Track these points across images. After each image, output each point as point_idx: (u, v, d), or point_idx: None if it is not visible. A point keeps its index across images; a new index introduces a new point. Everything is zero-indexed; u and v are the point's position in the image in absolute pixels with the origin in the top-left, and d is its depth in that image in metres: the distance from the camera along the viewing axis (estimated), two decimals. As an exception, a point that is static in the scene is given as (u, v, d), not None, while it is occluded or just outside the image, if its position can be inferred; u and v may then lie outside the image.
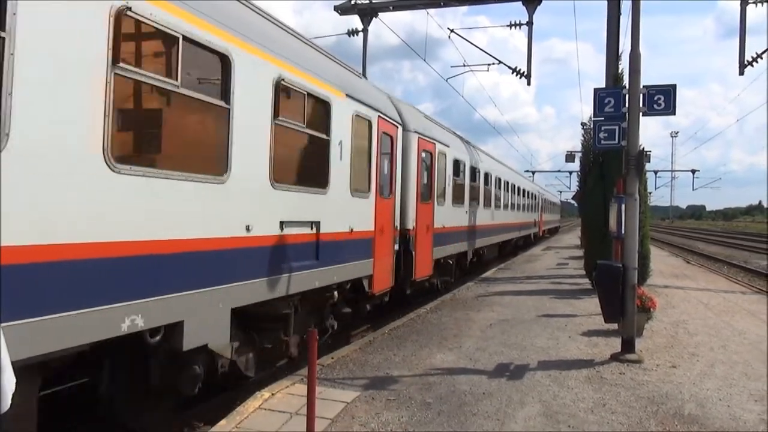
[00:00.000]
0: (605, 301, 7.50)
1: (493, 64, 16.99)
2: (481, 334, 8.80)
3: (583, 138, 22.89)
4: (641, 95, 7.36)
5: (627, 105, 7.48)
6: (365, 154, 8.59)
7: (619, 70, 12.76)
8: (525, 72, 15.14)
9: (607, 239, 10.21)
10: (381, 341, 8.27)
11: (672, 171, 66.63)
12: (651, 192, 32.67)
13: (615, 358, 7.32)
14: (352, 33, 16.64)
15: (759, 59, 14.19)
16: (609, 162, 12.24)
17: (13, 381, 2.55)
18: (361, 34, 16.33)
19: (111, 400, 4.92)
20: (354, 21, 26.60)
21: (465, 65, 18.26)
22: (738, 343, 8.45)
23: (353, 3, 16.00)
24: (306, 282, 6.72)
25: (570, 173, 50.08)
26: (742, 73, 14.30)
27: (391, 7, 15.93)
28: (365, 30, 16.27)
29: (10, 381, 2.52)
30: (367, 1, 15.94)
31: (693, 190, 70.37)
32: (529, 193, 32.11)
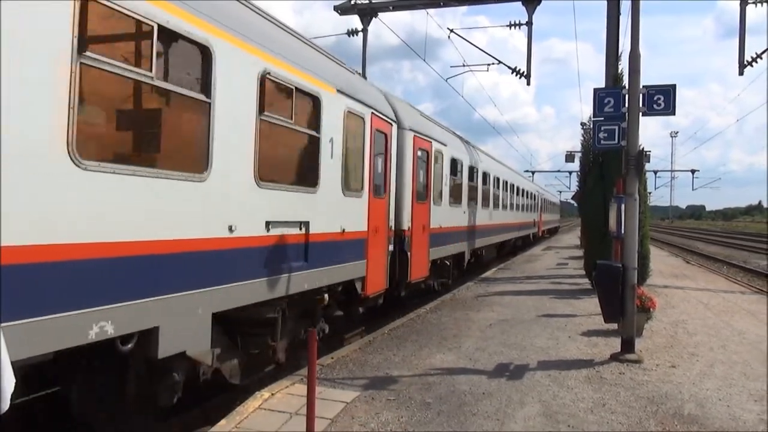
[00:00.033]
0: (605, 301, 7.50)
1: (493, 64, 17.00)
2: (481, 334, 8.80)
3: (583, 138, 22.91)
4: (641, 95, 7.36)
5: (627, 105, 7.48)
6: (358, 152, 8.35)
7: (619, 70, 12.77)
8: (525, 72, 15.14)
9: (607, 239, 10.22)
10: (381, 341, 8.27)
11: (672, 171, 66.66)
12: (651, 192, 32.69)
13: (615, 358, 7.32)
14: (351, 33, 16.65)
15: (759, 59, 14.19)
16: (609, 162, 12.25)
17: (13, 381, 2.55)
18: (361, 34, 16.35)
19: (83, 410, 4.64)
20: (354, 21, 26.66)
21: (465, 65, 18.30)
22: (737, 343, 8.45)
23: (353, 3, 16.00)
24: (294, 285, 6.50)
25: (570, 173, 50.17)
26: (741, 73, 14.29)
27: (391, 7, 15.93)
28: (365, 30, 16.27)
29: (9, 381, 2.52)
30: (367, 1, 15.94)
31: (693, 190, 70.50)
32: (529, 193, 32.09)
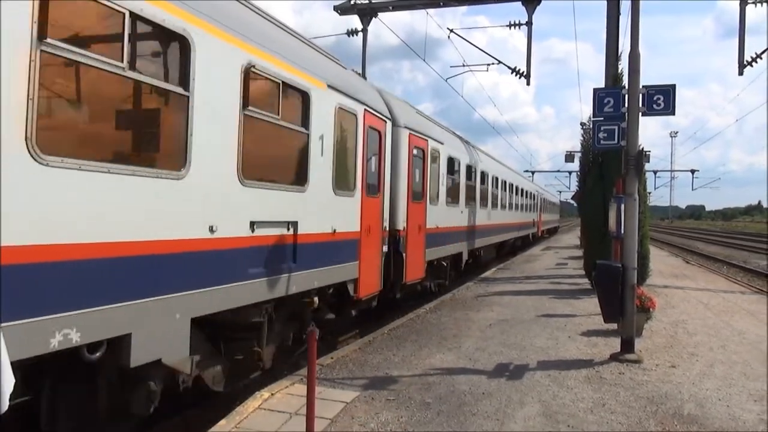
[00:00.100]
0: (605, 301, 7.50)
1: (493, 64, 17.00)
2: (481, 334, 8.80)
3: (583, 138, 22.89)
4: (640, 95, 7.36)
5: (626, 105, 7.48)
6: (350, 149, 8.09)
7: (619, 70, 12.76)
8: (524, 72, 15.14)
9: (607, 239, 10.21)
10: (380, 341, 8.26)
11: (671, 171, 66.78)
12: (650, 192, 32.66)
13: (614, 358, 7.32)
14: (351, 33, 16.64)
15: (758, 59, 14.18)
16: (608, 162, 12.25)
17: (12, 382, 2.55)
18: (361, 34, 16.35)
19: (54, 420, 4.33)
20: (353, 21, 26.63)
21: (464, 65, 18.31)
22: (737, 343, 8.45)
23: (353, 3, 16.00)
24: (281, 287, 6.24)
25: (569, 173, 50.21)
26: (741, 73, 14.28)
27: (391, 7, 15.93)
28: (365, 30, 16.26)
29: (8, 382, 2.51)
30: (367, 1, 15.94)
31: (692, 190, 70.61)
32: (528, 193, 32.07)
